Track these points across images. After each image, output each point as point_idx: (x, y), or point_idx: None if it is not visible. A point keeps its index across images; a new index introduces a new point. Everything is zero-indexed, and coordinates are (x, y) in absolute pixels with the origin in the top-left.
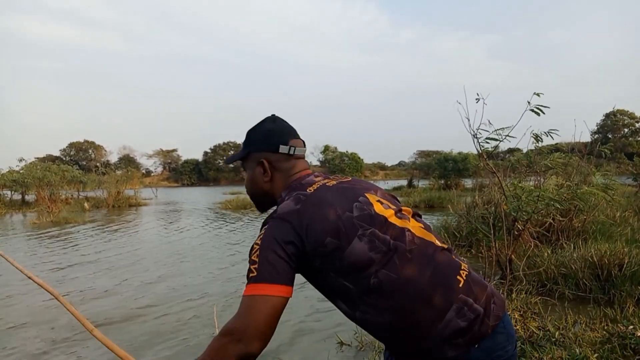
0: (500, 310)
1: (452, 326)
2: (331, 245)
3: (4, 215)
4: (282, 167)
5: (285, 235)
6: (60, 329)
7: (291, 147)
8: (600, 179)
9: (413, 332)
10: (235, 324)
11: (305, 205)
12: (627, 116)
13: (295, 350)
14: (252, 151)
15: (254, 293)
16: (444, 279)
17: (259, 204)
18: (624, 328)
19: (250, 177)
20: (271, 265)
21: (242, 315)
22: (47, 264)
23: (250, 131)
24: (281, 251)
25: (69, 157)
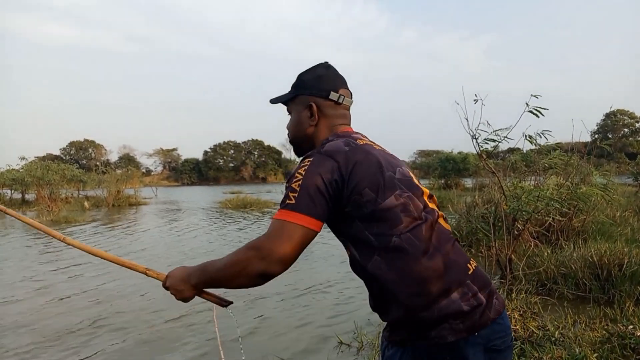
0: (501, 307)
1: (454, 307)
2: (367, 196)
3: (3, 214)
4: (329, 113)
5: (329, 172)
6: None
7: (341, 95)
8: (599, 179)
9: (417, 299)
10: (264, 243)
11: (353, 151)
12: (627, 116)
13: (295, 350)
14: (300, 94)
15: (288, 219)
16: (458, 260)
17: (298, 148)
18: (624, 328)
19: (295, 120)
20: (310, 197)
21: (272, 235)
22: (47, 263)
23: (302, 74)
24: (322, 186)
25: (69, 156)
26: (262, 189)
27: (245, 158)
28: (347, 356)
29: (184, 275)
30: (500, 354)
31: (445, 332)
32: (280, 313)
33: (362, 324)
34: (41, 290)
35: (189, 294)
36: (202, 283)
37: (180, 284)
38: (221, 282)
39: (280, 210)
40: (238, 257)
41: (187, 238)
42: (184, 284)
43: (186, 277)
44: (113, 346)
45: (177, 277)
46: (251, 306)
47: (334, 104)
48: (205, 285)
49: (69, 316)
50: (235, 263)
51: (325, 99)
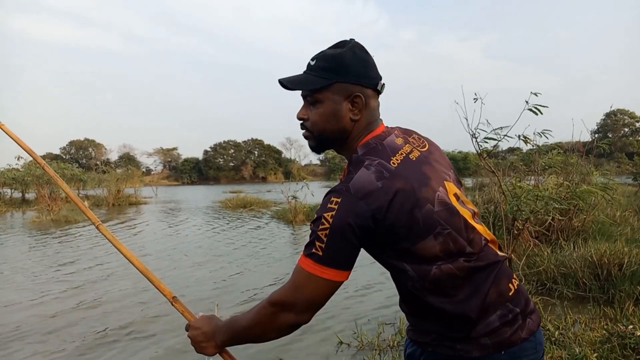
0: (535, 326)
1: (489, 327)
2: (403, 234)
3: (4, 214)
4: (372, 105)
5: (360, 219)
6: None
7: (383, 84)
8: (599, 179)
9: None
10: (288, 296)
11: (388, 184)
12: (627, 115)
13: (295, 350)
14: (340, 80)
15: (313, 272)
16: (502, 285)
17: (324, 146)
18: (624, 328)
19: (329, 111)
20: (339, 248)
21: (296, 288)
22: (47, 263)
23: (341, 57)
24: (352, 237)
25: (69, 156)
26: (262, 189)
27: (245, 157)
28: (347, 356)
29: (209, 332)
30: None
31: (472, 346)
32: None
33: (362, 324)
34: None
35: (210, 352)
36: (228, 341)
37: (204, 339)
38: (250, 339)
39: (306, 258)
40: (263, 314)
41: (188, 238)
42: (207, 341)
43: (212, 334)
44: (110, 347)
45: (202, 331)
46: (251, 306)
47: (377, 93)
48: (231, 343)
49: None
50: (261, 321)
51: (372, 89)
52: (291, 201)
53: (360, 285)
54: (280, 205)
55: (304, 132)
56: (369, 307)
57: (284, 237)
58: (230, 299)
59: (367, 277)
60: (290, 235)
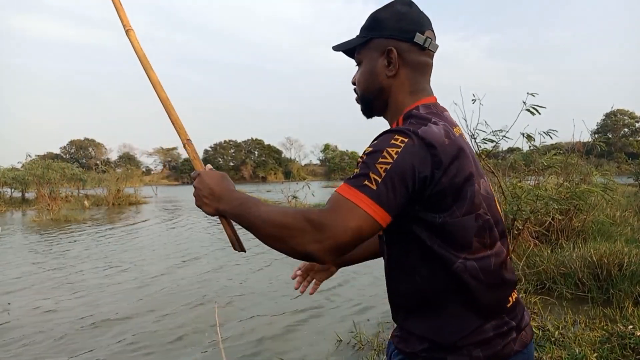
0: (528, 339)
1: (482, 337)
2: (446, 204)
3: (4, 213)
4: (413, 61)
5: (424, 167)
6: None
7: (427, 38)
8: (599, 179)
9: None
10: (328, 220)
11: (452, 146)
12: (627, 116)
13: (295, 349)
14: (376, 36)
15: (362, 207)
16: (505, 295)
17: (368, 107)
18: (624, 328)
19: (368, 70)
20: (394, 189)
21: (339, 216)
22: (47, 263)
23: (378, 12)
24: (411, 180)
25: (69, 155)
26: (262, 188)
27: (245, 157)
28: (346, 355)
29: (217, 193)
30: None
31: (463, 358)
32: (280, 313)
33: (361, 323)
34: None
35: (208, 210)
36: (231, 214)
37: (209, 197)
38: (255, 230)
39: (354, 189)
40: (291, 222)
41: (188, 237)
42: (210, 201)
43: (218, 196)
44: (110, 347)
45: (208, 189)
46: (250, 306)
47: (419, 49)
48: (233, 218)
49: (62, 315)
50: (284, 226)
51: (408, 43)
52: (291, 201)
53: (361, 286)
54: (280, 205)
55: (355, 97)
56: (368, 307)
57: None
58: (231, 298)
59: (367, 277)
60: None
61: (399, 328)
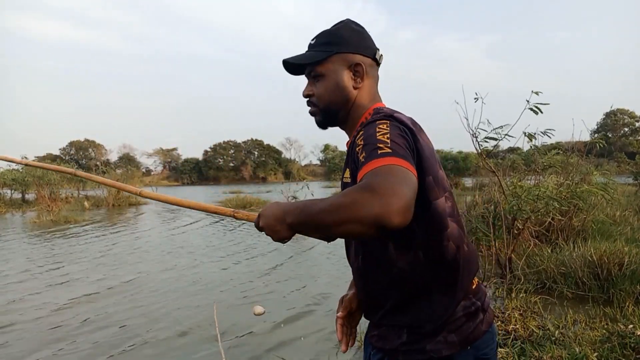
0: (491, 318)
1: (455, 318)
2: (428, 185)
3: (4, 214)
4: (372, 75)
5: (408, 135)
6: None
7: (381, 55)
8: (599, 178)
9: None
10: (380, 182)
11: (419, 131)
12: (627, 115)
13: (295, 349)
14: (340, 51)
15: (393, 163)
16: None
17: (332, 118)
18: (624, 327)
19: (333, 83)
20: (403, 148)
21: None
22: (47, 263)
23: (339, 30)
24: (409, 144)
25: (69, 156)
26: (262, 189)
27: (245, 158)
28: (346, 355)
29: (279, 214)
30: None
31: (441, 345)
32: (280, 313)
33: (362, 323)
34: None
35: (285, 235)
36: (298, 224)
37: (276, 223)
38: (324, 225)
39: (374, 160)
40: (350, 197)
41: (187, 237)
42: (279, 224)
43: (281, 215)
44: (109, 347)
45: (272, 217)
46: (250, 306)
47: (376, 64)
48: (302, 227)
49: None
50: (345, 205)
51: (371, 58)
52: (291, 201)
53: None
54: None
55: (310, 108)
56: None
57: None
58: (231, 298)
59: None
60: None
61: (376, 326)
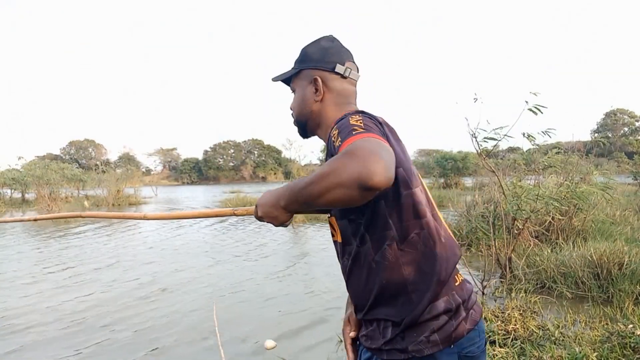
0: (478, 316)
1: (435, 313)
2: (400, 176)
3: (4, 214)
4: (336, 88)
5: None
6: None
7: (347, 68)
8: (599, 178)
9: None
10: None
11: (390, 130)
12: (627, 115)
13: (295, 349)
14: (304, 68)
15: (369, 136)
16: (449, 271)
17: (303, 129)
18: (624, 327)
19: (299, 97)
20: (378, 129)
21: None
22: (47, 263)
23: (306, 47)
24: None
25: (69, 156)
26: (262, 189)
27: (245, 157)
28: None
29: (273, 200)
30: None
31: (422, 345)
32: (280, 313)
33: None
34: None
35: (284, 218)
36: (291, 204)
37: (273, 209)
38: (312, 198)
39: (351, 137)
40: (330, 165)
41: (187, 237)
42: (275, 209)
43: (275, 200)
44: (108, 347)
45: (268, 204)
46: (250, 306)
47: (340, 77)
48: (296, 205)
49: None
50: (327, 173)
51: (331, 72)
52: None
53: None
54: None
55: (293, 120)
56: None
57: (284, 236)
58: (232, 298)
59: None
60: (290, 234)
61: (365, 325)
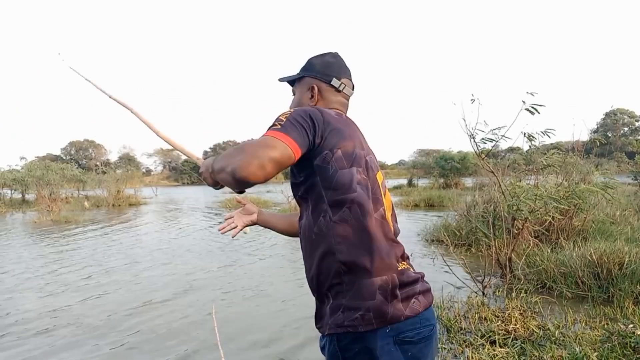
0: (421, 307)
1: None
2: (337, 156)
3: (4, 214)
4: (329, 98)
5: (314, 117)
6: None
7: (342, 83)
8: (599, 178)
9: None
10: (248, 143)
11: (336, 117)
12: (627, 115)
13: (295, 349)
14: (307, 76)
15: (273, 135)
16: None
17: None
18: (624, 327)
19: (297, 100)
20: (296, 127)
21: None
22: (47, 263)
23: (313, 58)
24: (307, 124)
25: (69, 156)
26: (261, 189)
27: None
28: None
29: (207, 164)
30: (414, 346)
31: (357, 322)
32: (280, 313)
33: None
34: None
35: (210, 182)
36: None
37: (206, 173)
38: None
39: (267, 131)
40: (229, 152)
41: (187, 237)
42: (207, 173)
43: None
44: (107, 346)
45: (204, 166)
46: (250, 305)
47: (335, 90)
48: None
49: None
50: (223, 157)
51: (327, 84)
52: (291, 201)
53: None
54: (280, 205)
55: None
56: None
57: (283, 236)
58: (231, 297)
59: None
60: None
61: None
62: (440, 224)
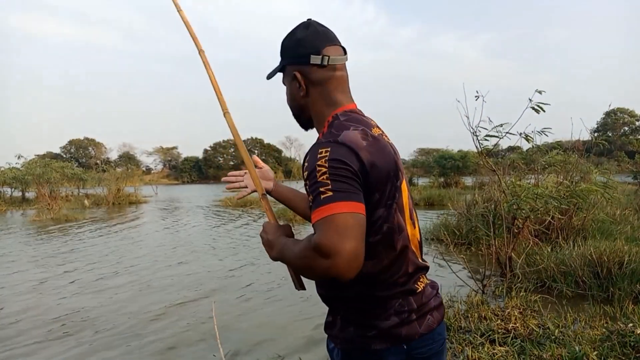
0: (435, 323)
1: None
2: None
3: (4, 213)
4: (318, 79)
5: (353, 162)
6: None
7: (324, 56)
8: (599, 177)
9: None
10: (322, 240)
11: (373, 146)
12: (627, 114)
13: (296, 349)
14: (286, 63)
15: (334, 212)
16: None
17: (299, 122)
18: (624, 326)
19: (288, 94)
20: (345, 183)
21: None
22: (47, 263)
23: (284, 40)
24: (350, 172)
25: (69, 155)
26: None
27: None
28: None
29: (270, 241)
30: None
31: (369, 339)
32: (280, 313)
33: None
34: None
35: (269, 255)
36: (279, 259)
37: (266, 243)
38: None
39: (319, 208)
40: (307, 255)
41: (188, 236)
42: (269, 249)
43: (270, 242)
44: (107, 347)
45: (265, 240)
46: (250, 305)
47: (319, 67)
48: (282, 261)
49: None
50: (304, 263)
51: (307, 65)
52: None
53: None
54: (280, 204)
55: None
56: None
57: None
58: (230, 298)
59: None
60: None
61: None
62: (440, 223)
